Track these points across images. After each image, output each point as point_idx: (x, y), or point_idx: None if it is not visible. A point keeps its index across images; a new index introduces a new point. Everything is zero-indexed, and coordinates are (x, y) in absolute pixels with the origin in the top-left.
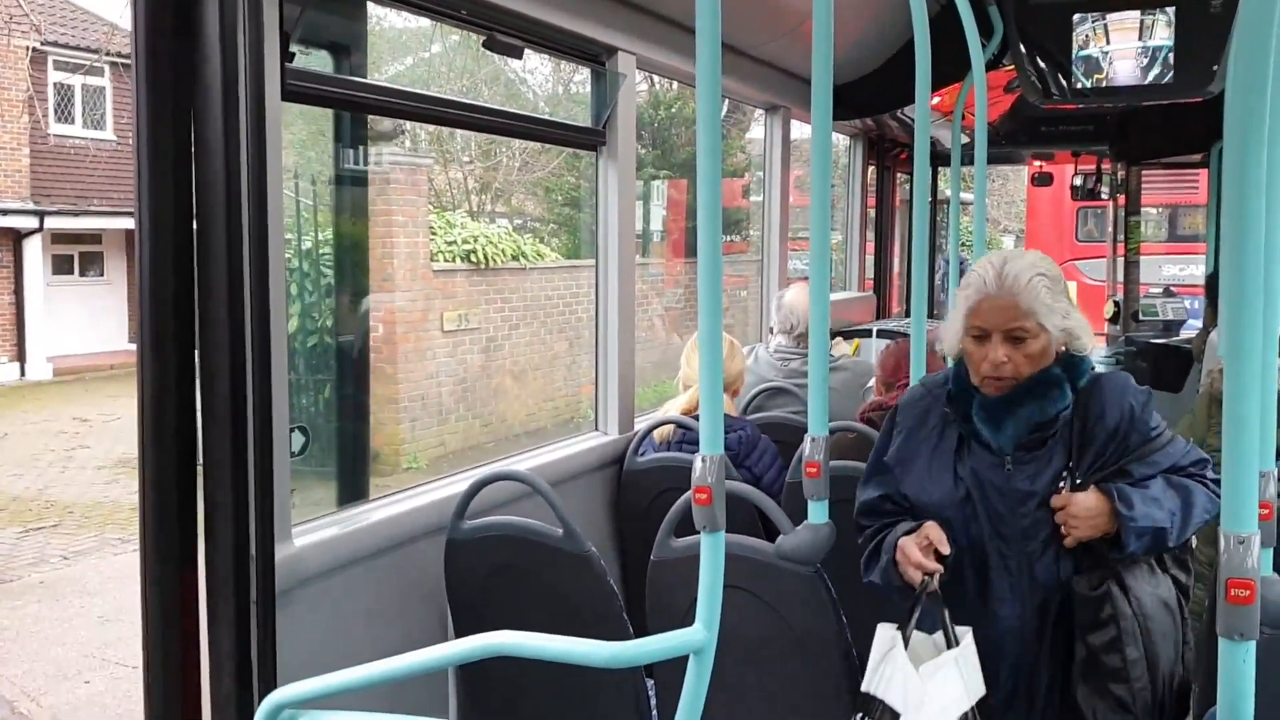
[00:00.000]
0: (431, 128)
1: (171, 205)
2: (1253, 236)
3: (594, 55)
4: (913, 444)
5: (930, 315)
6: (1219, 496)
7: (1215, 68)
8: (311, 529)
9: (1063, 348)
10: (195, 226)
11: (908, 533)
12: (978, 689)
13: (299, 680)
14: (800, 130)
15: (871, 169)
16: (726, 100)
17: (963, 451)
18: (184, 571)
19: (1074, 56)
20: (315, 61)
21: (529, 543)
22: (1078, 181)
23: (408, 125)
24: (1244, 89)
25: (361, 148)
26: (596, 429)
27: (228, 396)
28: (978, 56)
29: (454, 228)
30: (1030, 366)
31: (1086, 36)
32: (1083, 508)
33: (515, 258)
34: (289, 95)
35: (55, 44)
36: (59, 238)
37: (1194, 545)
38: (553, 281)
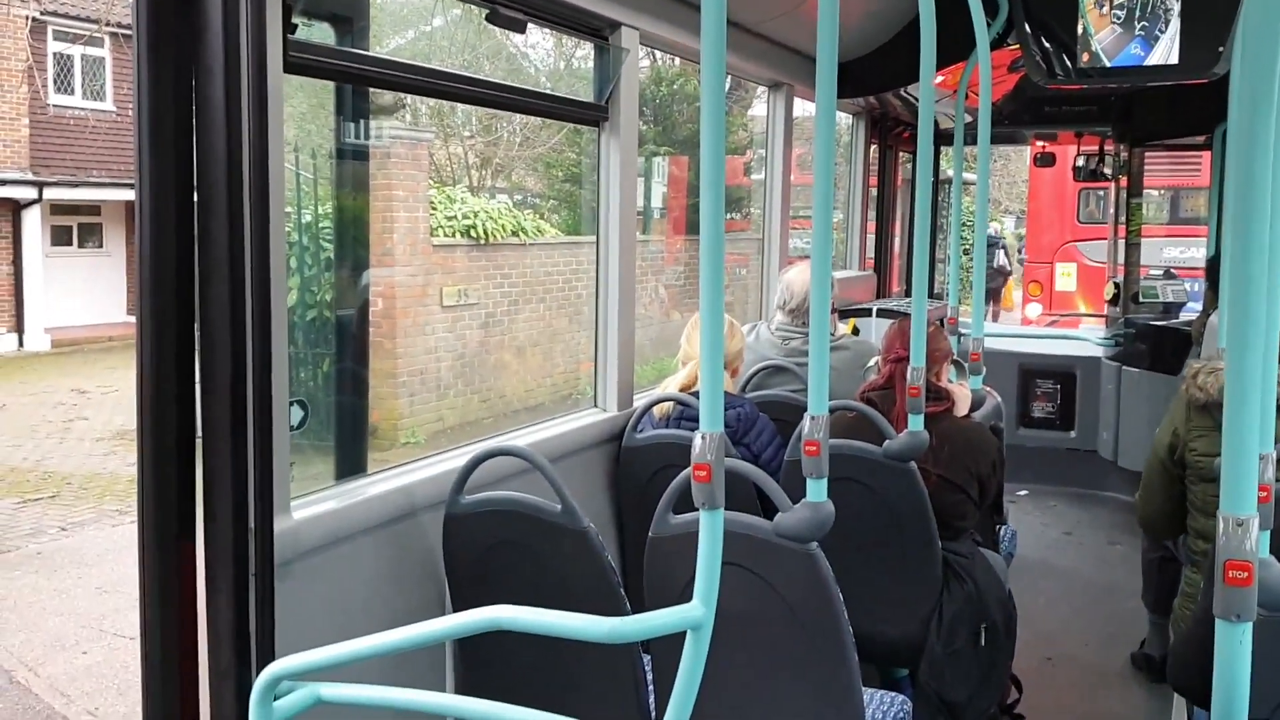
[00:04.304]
0: (432, 102)
1: (172, 177)
2: (1257, 219)
3: (597, 30)
4: None
5: (930, 295)
6: None
7: (1221, 49)
8: (310, 502)
9: None
10: (196, 199)
11: None
12: None
13: (297, 652)
14: (803, 108)
15: (874, 148)
16: (729, 77)
17: None
18: (183, 544)
19: (1079, 36)
20: (317, 33)
21: (527, 518)
22: (1080, 162)
23: (409, 99)
24: (1250, 71)
25: (362, 121)
26: (595, 405)
27: (227, 369)
28: (982, 35)
29: (454, 203)
30: None
31: (1092, 16)
32: None
33: (515, 233)
34: (291, 67)
35: (55, 14)
36: (58, 208)
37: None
38: (553, 258)
